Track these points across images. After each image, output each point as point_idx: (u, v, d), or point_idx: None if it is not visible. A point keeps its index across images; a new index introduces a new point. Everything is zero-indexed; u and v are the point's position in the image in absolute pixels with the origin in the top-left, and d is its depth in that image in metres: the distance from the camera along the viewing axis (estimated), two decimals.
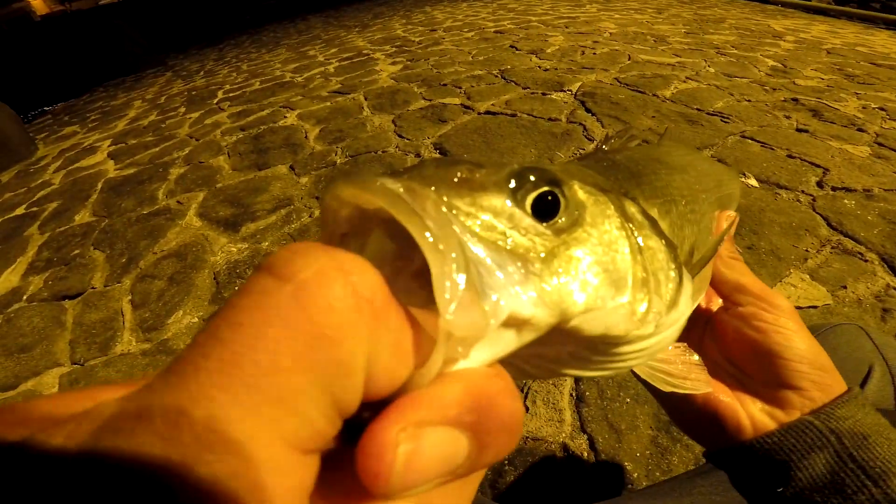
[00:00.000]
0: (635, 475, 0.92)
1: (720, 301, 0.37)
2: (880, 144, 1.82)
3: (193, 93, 4.08)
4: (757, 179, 1.62)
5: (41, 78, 5.80)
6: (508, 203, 0.18)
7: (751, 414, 0.32)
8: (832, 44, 3.26)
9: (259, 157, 2.37)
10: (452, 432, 0.13)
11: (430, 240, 0.14)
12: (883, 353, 0.51)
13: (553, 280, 0.17)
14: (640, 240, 0.22)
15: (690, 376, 0.28)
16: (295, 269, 0.12)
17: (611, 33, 3.63)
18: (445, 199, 0.16)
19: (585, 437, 0.98)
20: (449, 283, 0.14)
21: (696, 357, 0.29)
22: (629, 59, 2.90)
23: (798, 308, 1.16)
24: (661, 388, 0.28)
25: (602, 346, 0.21)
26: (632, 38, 3.43)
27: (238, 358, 0.11)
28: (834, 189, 1.55)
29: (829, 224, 1.41)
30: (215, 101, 3.57)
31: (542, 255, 0.17)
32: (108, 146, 3.20)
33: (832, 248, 1.33)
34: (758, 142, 1.85)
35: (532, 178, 0.18)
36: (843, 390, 0.31)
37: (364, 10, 6.98)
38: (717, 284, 0.36)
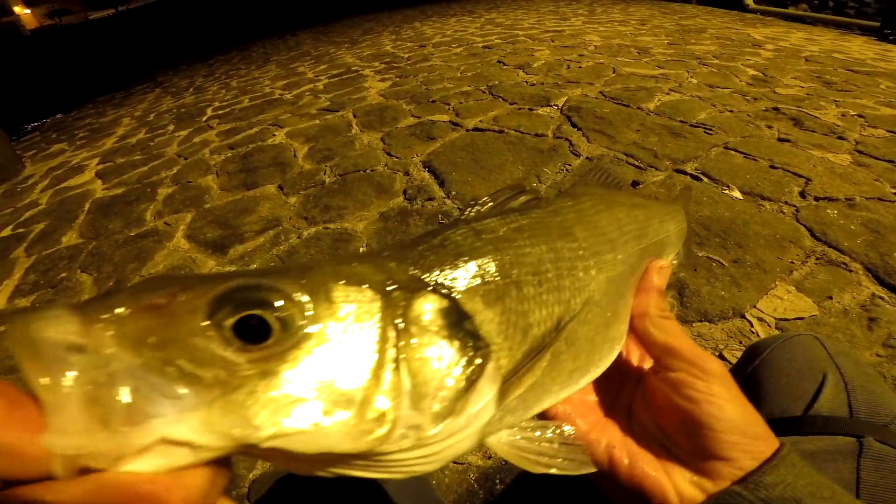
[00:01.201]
0: None
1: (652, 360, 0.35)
2: (860, 152, 1.85)
3: (182, 110, 4.08)
4: (741, 191, 1.64)
5: (29, 93, 5.78)
6: (199, 331, 0.18)
7: (678, 487, 0.31)
8: (810, 51, 3.34)
9: (247, 176, 2.37)
10: None
11: (45, 379, 0.16)
12: (836, 361, 0.52)
13: (225, 408, 0.17)
14: (413, 348, 0.21)
15: (567, 456, 0.27)
16: None
17: (595, 46, 3.68)
18: (107, 332, 0.17)
19: None
20: (59, 414, 0.16)
21: (571, 431, 0.28)
22: (614, 72, 2.94)
23: (784, 320, 1.17)
24: (532, 471, 0.26)
25: (352, 458, 0.20)
26: (616, 51, 3.49)
27: None
28: (817, 199, 1.57)
29: (812, 234, 1.42)
30: (204, 119, 3.57)
31: (226, 381, 0.18)
32: (96, 165, 3.18)
33: (816, 258, 1.34)
34: (741, 153, 1.88)
35: (234, 302, 0.18)
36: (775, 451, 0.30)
37: (353, 25, 7.04)
38: (646, 346, 0.34)
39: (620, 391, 0.37)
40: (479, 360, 0.22)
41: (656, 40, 3.79)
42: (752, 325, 1.17)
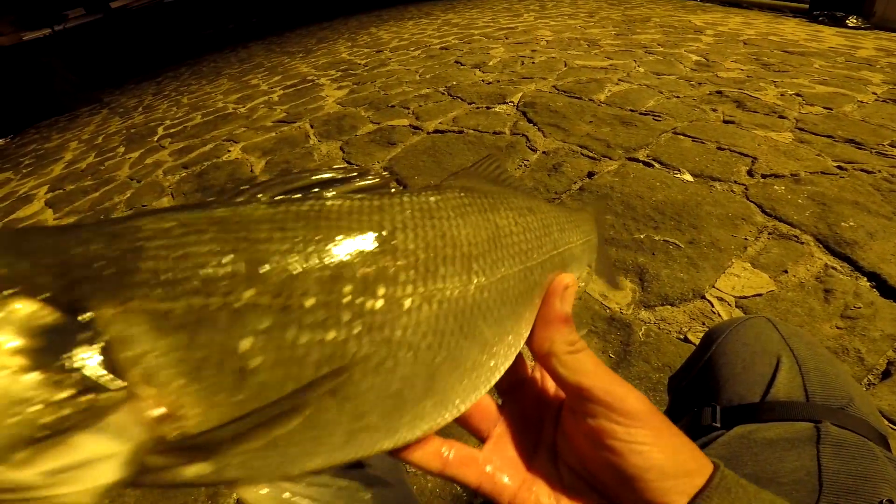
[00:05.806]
0: None
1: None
2: (801, 129, 1.94)
3: (132, 130, 3.93)
4: (692, 174, 1.70)
5: None
6: None
7: None
8: (748, 35, 3.49)
9: (204, 195, 2.30)
10: None
11: None
12: (789, 343, 0.52)
13: None
14: None
15: None
16: None
17: (547, 41, 3.75)
18: None
19: None
20: None
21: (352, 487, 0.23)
22: (565, 66, 3.00)
23: (744, 298, 1.21)
24: None
25: None
26: (567, 45, 3.56)
27: None
28: (764, 176, 1.64)
29: (763, 211, 1.48)
30: (156, 139, 3.44)
31: None
32: (45, 193, 3.03)
33: (769, 233, 1.39)
34: (689, 137, 1.95)
35: None
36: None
37: (308, 34, 6.92)
38: (559, 386, 0.30)
39: (541, 430, 0.33)
40: (84, 407, 0.16)
41: (604, 32, 3.89)
42: (712, 306, 1.20)
